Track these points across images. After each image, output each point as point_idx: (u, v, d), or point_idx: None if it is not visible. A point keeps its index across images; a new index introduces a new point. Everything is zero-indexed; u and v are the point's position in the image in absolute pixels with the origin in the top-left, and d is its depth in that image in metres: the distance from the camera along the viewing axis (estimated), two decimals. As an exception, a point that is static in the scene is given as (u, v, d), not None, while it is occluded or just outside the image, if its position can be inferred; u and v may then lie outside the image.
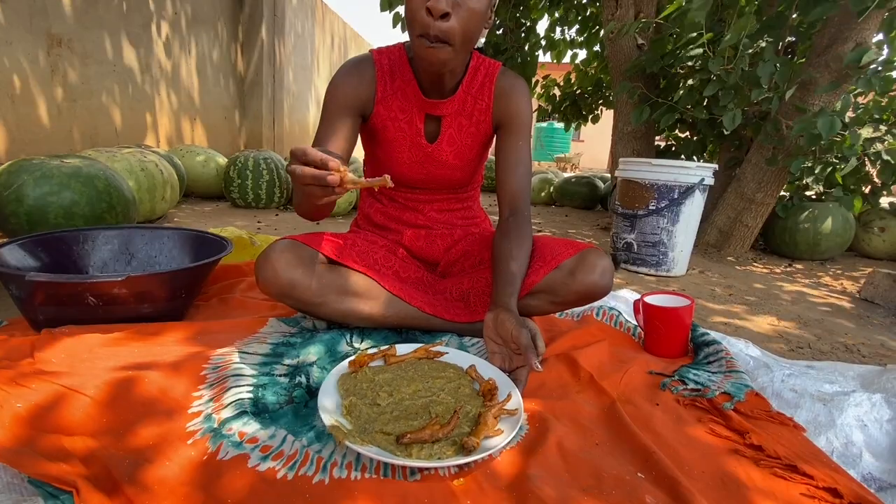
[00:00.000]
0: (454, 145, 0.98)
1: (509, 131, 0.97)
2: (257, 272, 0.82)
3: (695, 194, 1.74)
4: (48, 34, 2.25)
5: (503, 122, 0.97)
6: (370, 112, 0.94)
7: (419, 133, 0.96)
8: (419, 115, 0.95)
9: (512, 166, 0.97)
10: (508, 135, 0.97)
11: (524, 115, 0.97)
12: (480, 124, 0.98)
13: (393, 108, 0.94)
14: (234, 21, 3.87)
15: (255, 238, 1.60)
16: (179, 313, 1.01)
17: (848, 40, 1.97)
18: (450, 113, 0.95)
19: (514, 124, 0.97)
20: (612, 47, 2.73)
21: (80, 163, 1.44)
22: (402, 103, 0.94)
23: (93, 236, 1.15)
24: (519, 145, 0.97)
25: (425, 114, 0.95)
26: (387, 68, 0.93)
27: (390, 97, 0.93)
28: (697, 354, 0.99)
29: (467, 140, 0.99)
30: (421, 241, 1.07)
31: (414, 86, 0.92)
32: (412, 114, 0.94)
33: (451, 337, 0.95)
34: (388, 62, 0.93)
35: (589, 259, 0.88)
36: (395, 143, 0.96)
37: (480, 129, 0.98)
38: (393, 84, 0.93)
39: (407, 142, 0.96)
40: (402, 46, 0.95)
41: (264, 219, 2.45)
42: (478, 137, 0.99)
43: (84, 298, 0.86)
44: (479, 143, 1.00)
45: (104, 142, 2.64)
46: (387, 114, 0.94)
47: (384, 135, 0.96)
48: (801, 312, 1.49)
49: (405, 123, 0.95)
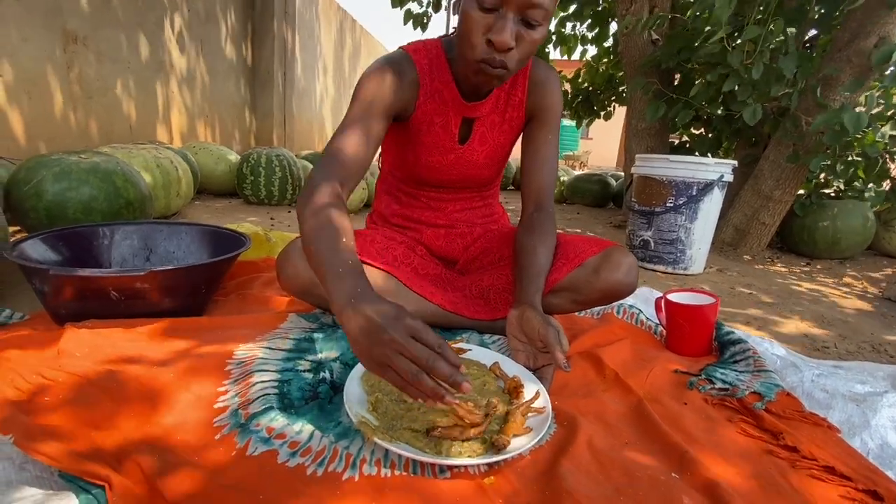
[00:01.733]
0: (486, 144, 0.95)
1: (540, 124, 0.95)
2: (279, 270, 0.82)
3: (713, 191, 1.71)
4: (64, 31, 2.26)
5: (535, 113, 0.94)
6: (408, 115, 0.89)
7: (453, 137, 0.92)
8: (455, 118, 0.90)
9: (540, 161, 0.94)
10: (539, 128, 0.95)
11: (556, 108, 0.95)
12: (514, 120, 0.95)
13: (429, 112, 0.89)
14: (245, 17, 3.87)
15: (271, 234, 1.60)
16: (199, 308, 1.01)
17: (871, 35, 1.93)
18: (485, 114, 0.92)
19: (546, 117, 0.94)
20: (625, 42, 2.70)
21: (98, 159, 1.44)
22: (438, 106, 0.89)
23: (112, 231, 1.15)
24: (549, 139, 0.95)
25: (462, 117, 0.91)
26: (426, 69, 0.87)
27: (429, 100, 0.88)
28: (723, 353, 0.97)
29: (499, 138, 0.96)
30: (440, 241, 1.06)
31: (452, 88, 0.87)
32: (448, 117, 0.90)
33: (471, 334, 0.94)
34: (427, 62, 0.88)
35: (614, 257, 0.87)
36: (427, 147, 0.92)
37: (514, 124, 0.95)
38: (432, 85, 0.88)
39: (439, 145, 0.92)
40: (440, 45, 0.89)
41: (277, 215, 2.46)
42: (510, 134, 0.97)
43: (107, 293, 0.86)
44: (510, 139, 0.98)
45: (119, 138, 2.66)
46: (424, 117, 0.89)
47: (417, 137, 0.92)
48: (824, 312, 1.46)
49: (440, 127, 0.91)
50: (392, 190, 1.08)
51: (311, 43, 5.32)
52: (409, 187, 1.04)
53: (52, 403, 0.58)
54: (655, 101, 2.42)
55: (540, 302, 0.80)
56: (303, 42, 5.01)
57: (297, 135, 4.79)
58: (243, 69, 3.92)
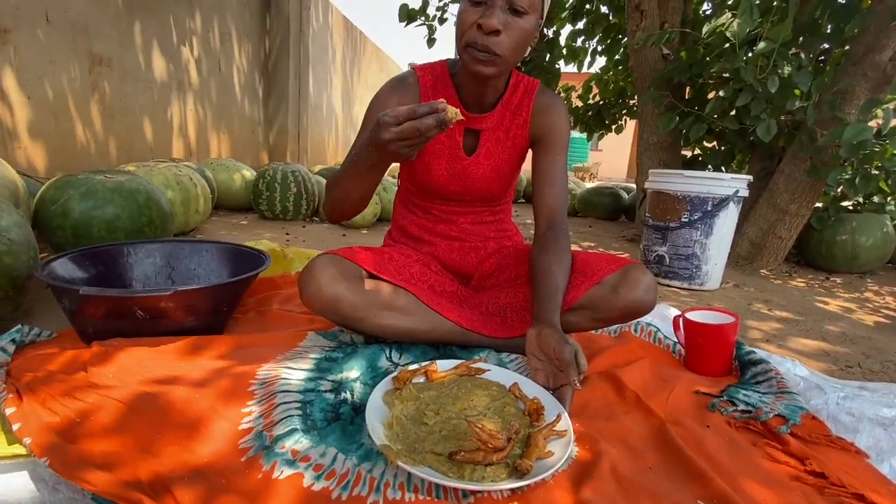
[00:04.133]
0: (491, 159, 0.99)
1: (547, 147, 0.98)
2: (301, 287, 0.83)
3: (729, 206, 1.70)
4: (90, 53, 2.34)
5: (540, 137, 0.99)
6: None
7: (458, 146, 0.97)
8: (459, 128, 0.96)
9: (549, 181, 0.97)
10: (546, 150, 0.98)
11: (561, 132, 0.98)
12: (517, 139, 0.99)
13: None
14: (261, 35, 3.97)
15: (288, 251, 1.62)
16: (220, 326, 1.03)
17: (886, 48, 1.92)
18: (489, 127, 0.97)
19: (552, 140, 0.98)
20: (636, 58, 2.72)
21: (123, 178, 1.49)
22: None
23: (136, 250, 1.18)
24: (556, 160, 0.98)
25: (465, 127, 0.96)
26: (430, 84, 0.95)
27: None
28: (744, 373, 0.96)
29: (504, 154, 1.00)
30: (455, 254, 1.08)
31: (455, 101, 0.94)
32: (452, 127, 0.96)
33: (489, 353, 0.94)
34: (431, 78, 0.95)
35: (632, 275, 0.87)
36: (434, 156, 0.98)
37: (517, 143, 1.00)
38: (435, 97, 0.95)
39: (446, 154, 0.98)
40: (445, 63, 0.97)
41: (292, 230, 2.49)
42: (514, 151, 1.00)
43: (133, 312, 0.88)
44: (515, 156, 1.01)
45: (138, 156, 2.72)
46: None
47: (423, 148, 0.97)
48: (846, 329, 1.44)
49: (445, 137, 0.97)
50: (407, 203, 1.12)
51: (324, 58, 5.43)
52: (423, 200, 1.07)
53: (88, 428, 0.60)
54: (668, 113, 2.42)
55: (558, 320, 0.81)
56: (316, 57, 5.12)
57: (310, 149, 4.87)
58: (259, 85, 4.01)
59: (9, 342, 0.84)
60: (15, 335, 0.87)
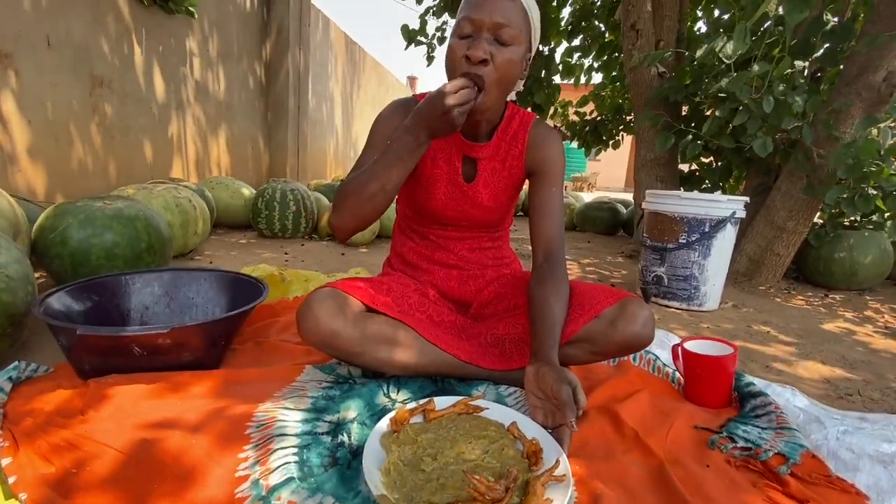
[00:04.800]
0: (489, 187, 1.01)
1: (542, 179, 1.00)
2: (299, 322, 0.83)
3: (726, 228, 1.71)
4: (91, 76, 2.36)
5: (535, 169, 1.00)
6: None
7: (457, 172, 0.99)
8: (457, 154, 0.98)
9: (545, 212, 0.98)
10: (541, 182, 1.00)
11: (556, 164, 1.00)
12: (513, 169, 1.00)
13: (433, 148, 0.98)
14: (260, 53, 4.01)
15: (286, 274, 1.62)
16: (217, 360, 1.03)
17: (879, 69, 1.94)
18: (486, 156, 0.99)
19: (547, 172, 0.99)
20: (632, 76, 2.74)
21: (122, 204, 1.49)
22: (441, 143, 0.98)
23: (134, 280, 1.18)
24: (552, 192, 0.99)
25: (463, 154, 0.98)
26: None
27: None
28: (743, 406, 0.96)
29: (501, 183, 1.01)
30: (453, 282, 1.08)
31: None
32: (451, 153, 0.98)
33: (487, 386, 0.94)
34: None
35: (629, 309, 0.87)
36: (433, 180, 0.99)
37: (513, 173, 1.01)
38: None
39: (445, 179, 0.99)
40: None
41: (291, 249, 2.49)
42: (510, 181, 1.02)
43: (130, 349, 0.88)
44: (511, 186, 1.02)
45: (138, 176, 2.73)
46: (427, 153, 0.98)
47: (423, 171, 0.99)
48: (846, 353, 1.44)
49: (444, 162, 0.99)
50: (406, 230, 1.13)
51: (324, 74, 5.48)
52: (421, 226, 1.08)
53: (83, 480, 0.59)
54: (665, 133, 2.44)
55: (556, 356, 0.81)
56: (315, 74, 5.16)
57: (309, 164, 4.89)
58: (258, 102, 4.04)
59: (6, 380, 0.84)
60: (12, 373, 0.87)
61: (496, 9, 0.80)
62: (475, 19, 0.80)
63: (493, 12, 0.80)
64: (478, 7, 0.80)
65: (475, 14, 0.80)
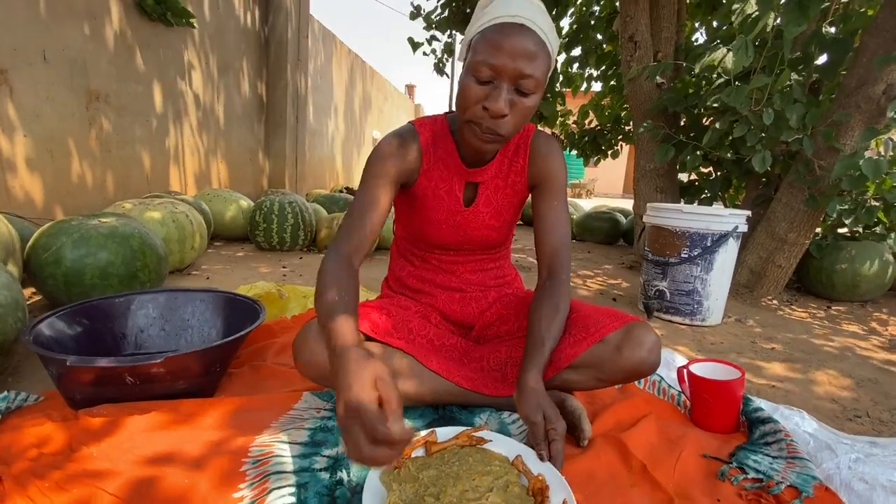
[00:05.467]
0: (491, 206, 0.98)
1: (545, 192, 0.97)
2: (295, 355, 0.81)
3: (729, 242, 1.69)
4: (87, 90, 2.35)
5: (538, 182, 0.98)
6: (413, 182, 0.95)
7: (458, 200, 0.97)
8: (459, 183, 0.96)
9: (549, 227, 0.96)
10: (544, 195, 0.97)
11: (559, 176, 0.97)
12: (516, 185, 0.98)
13: (434, 178, 0.95)
14: (259, 64, 4.01)
15: (283, 290, 1.60)
16: (213, 386, 1.00)
17: (879, 81, 1.93)
18: (488, 178, 0.96)
19: (550, 185, 0.97)
20: (631, 87, 2.74)
21: (117, 222, 1.47)
22: (442, 172, 0.95)
23: (128, 302, 1.16)
24: (554, 205, 0.97)
25: (465, 182, 0.96)
26: (430, 140, 0.94)
27: (433, 168, 0.95)
28: (752, 432, 0.94)
29: (503, 201, 0.99)
30: (455, 305, 1.06)
31: (455, 157, 0.93)
32: (452, 182, 0.96)
33: (490, 414, 0.92)
34: (430, 134, 0.94)
35: (635, 333, 0.85)
36: (433, 210, 0.97)
37: (516, 189, 0.99)
38: (435, 154, 0.94)
39: (445, 208, 0.97)
40: (445, 119, 0.96)
41: (289, 262, 2.47)
42: (514, 198, 1.00)
43: (122, 379, 0.86)
44: (514, 203, 1.00)
45: (136, 189, 2.72)
46: (428, 183, 0.95)
47: (423, 202, 0.97)
48: (852, 370, 1.42)
49: (445, 192, 0.96)
50: (405, 253, 1.10)
51: (324, 85, 5.49)
52: (421, 250, 1.06)
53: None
54: (664, 145, 2.43)
55: (535, 377, 0.79)
56: (315, 84, 5.17)
57: (308, 175, 4.88)
58: (257, 113, 4.04)
59: (-7, 413, 0.81)
60: (0, 404, 0.84)
61: (518, 54, 0.73)
62: (496, 66, 0.73)
63: (515, 58, 0.73)
64: (498, 52, 0.73)
65: (496, 60, 0.73)
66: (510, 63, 0.73)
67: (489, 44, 0.74)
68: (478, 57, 0.74)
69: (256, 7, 3.89)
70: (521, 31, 0.73)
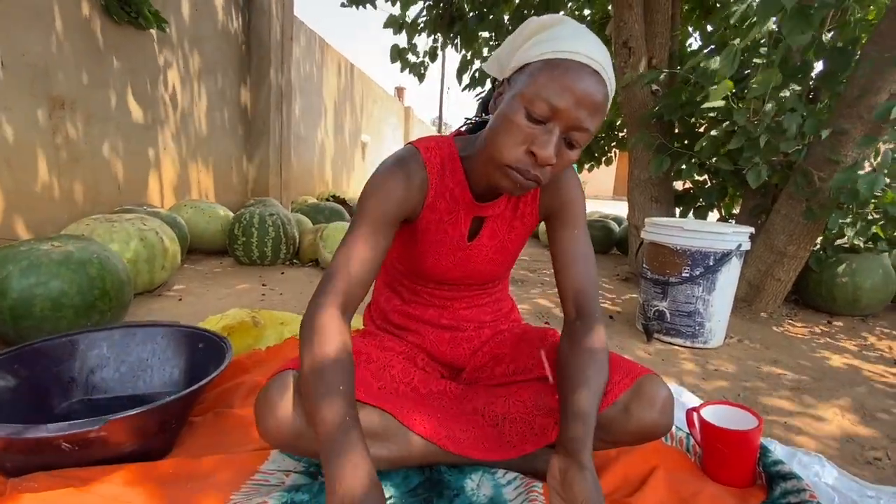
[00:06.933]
0: (496, 239, 0.87)
1: (562, 222, 0.85)
2: (257, 419, 0.70)
3: (732, 261, 1.61)
4: (50, 97, 2.20)
5: (553, 210, 0.85)
6: (416, 216, 0.82)
7: (462, 236, 0.84)
8: (466, 217, 0.83)
9: (571, 260, 0.83)
10: (562, 226, 0.85)
11: (577, 203, 0.85)
12: (525, 217, 0.86)
13: (439, 211, 0.82)
14: (241, 68, 3.87)
15: (259, 317, 1.48)
16: (168, 443, 0.89)
17: (881, 91, 1.87)
18: (497, 213, 0.84)
19: (568, 213, 0.84)
20: (625, 94, 2.67)
21: (73, 246, 1.34)
22: (449, 205, 0.82)
23: (77, 343, 1.04)
24: (575, 234, 0.84)
25: (473, 216, 0.84)
26: (437, 168, 0.80)
27: (439, 199, 0.81)
28: (772, 489, 0.84)
29: (510, 234, 0.87)
30: (444, 346, 0.95)
31: (465, 189, 0.80)
32: (458, 216, 0.83)
33: (483, 474, 0.82)
34: (438, 161, 0.80)
35: (645, 390, 0.75)
36: (434, 245, 0.85)
37: (525, 221, 0.87)
38: (441, 183, 0.81)
39: (448, 244, 0.85)
40: (453, 142, 0.83)
41: (269, 278, 2.35)
42: (521, 230, 0.88)
43: (58, 446, 0.74)
44: (521, 235, 0.89)
45: (107, 202, 2.57)
46: (432, 217, 0.82)
47: (424, 236, 0.84)
48: (864, 399, 1.34)
49: (450, 226, 0.83)
50: (394, 284, 0.98)
51: (310, 88, 5.35)
52: (412, 282, 0.94)
53: None
54: (660, 155, 2.36)
55: (590, 453, 0.65)
56: (301, 88, 5.04)
57: (294, 182, 4.74)
58: (239, 119, 3.90)
59: None
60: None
61: (585, 103, 0.63)
62: (558, 108, 0.63)
63: (580, 107, 0.63)
64: (565, 93, 0.62)
65: (560, 101, 0.62)
66: (574, 110, 0.63)
67: (557, 81, 0.62)
68: (539, 90, 0.63)
69: (238, 8, 3.75)
70: (594, 80, 0.63)
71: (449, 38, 3.49)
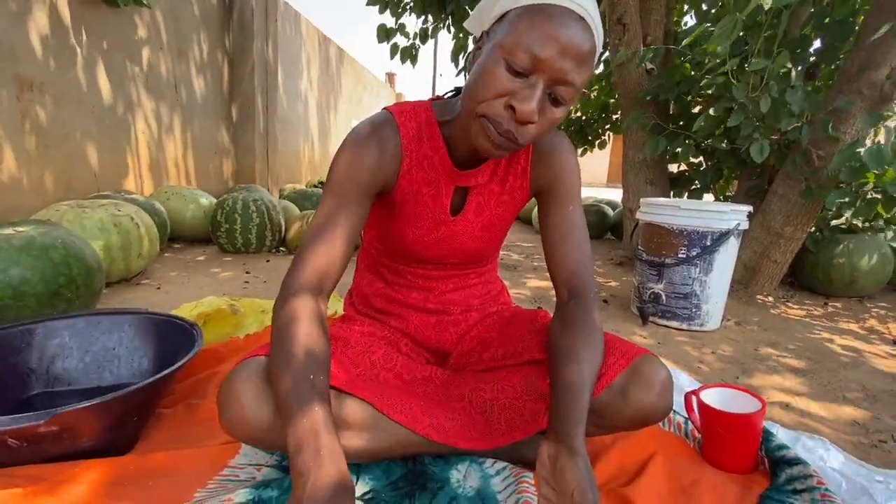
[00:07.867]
0: (482, 215, 0.80)
1: (555, 197, 0.78)
2: (220, 410, 0.63)
3: (729, 241, 1.56)
4: (17, 78, 2.09)
5: (545, 186, 0.79)
6: (391, 187, 0.76)
7: (444, 209, 0.78)
8: (447, 187, 0.76)
9: (564, 237, 0.77)
10: (554, 202, 0.78)
11: (570, 176, 0.78)
12: (515, 191, 0.80)
13: (416, 181, 0.75)
14: (222, 48, 3.74)
15: (238, 305, 1.41)
16: (131, 439, 0.82)
17: (882, 66, 1.81)
18: (481, 183, 0.77)
19: (560, 188, 0.78)
20: (619, 73, 2.59)
21: (36, 231, 1.26)
22: (427, 174, 0.75)
23: (34, 332, 0.96)
24: (569, 211, 0.78)
25: (455, 186, 0.77)
26: (413, 134, 0.74)
27: (415, 168, 0.75)
28: (776, 475, 0.80)
29: (498, 210, 0.81)
30: (429, 331, 0.89)
31: (444, 156, 0.74)
32: (439, 186, 0.76)
33: (469, 465, 0.76)
34: (414, 126, 0.74)
35: (643, 371, 0.69)
36: (414, 219, 0.78)
37: (515, 196, 0.80)
38: (419, 151, 0.74)
39: (428, 218, 0.78)
40: (429, 107, 0.76)
41: (254, 266, 2.27)
42: (510, 206, 0.81)
43: (3, 441, 0.67)
44: (511, 210, 0.82)
45: (80, 189, 2.47)
46: (409, 187, 0.76)
47: (402, 209, 0.78)
48: (865, 381, 1.30)
49: (430, 198, 0.77)
50: (375, 266, 0.92)
51: (295, 71, 5.21)
52: (394, 263, 0.88)
53: None
54: (655, 136, 2.29)
55: (582, 437, 0.59)
56: (285, 71, 4.90)
57: (281, 168, 4.63)
58: (220, 102, 3.77)
59: None
60: None
61: (570, 52, 0.57)
62: (541, 58, 0.57)
63: (564, 56, 0.57)
64: (548, 42, 0.56)
65: (543, 51, 0.57)
66: (558, 60, 0.57)
67: (538, 28, 0.56)
68: (519, 39, 0.57)
69: (219, -12, 3.61)
70: (580, 26, 0.57)
71: (440, 20, 3.38)
